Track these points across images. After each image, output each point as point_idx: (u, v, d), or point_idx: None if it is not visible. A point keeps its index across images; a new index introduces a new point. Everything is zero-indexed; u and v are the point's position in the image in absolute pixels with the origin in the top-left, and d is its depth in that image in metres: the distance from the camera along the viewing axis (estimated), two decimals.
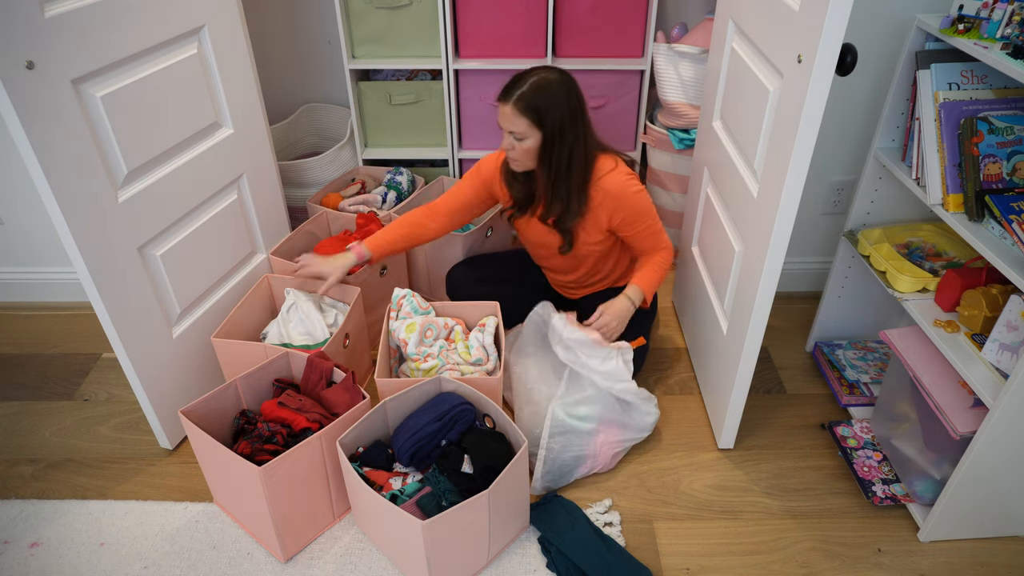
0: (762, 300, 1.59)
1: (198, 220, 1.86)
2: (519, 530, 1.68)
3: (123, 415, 2.03)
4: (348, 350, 1.96)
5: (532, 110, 1.69)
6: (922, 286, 1.68)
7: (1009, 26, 1.41)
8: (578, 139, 1.74)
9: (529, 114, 1.69)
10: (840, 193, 2.25)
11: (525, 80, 1.71)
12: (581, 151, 1.76)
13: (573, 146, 1.74)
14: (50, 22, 1.39)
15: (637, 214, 1.83)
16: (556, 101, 1.69)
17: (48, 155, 1.42)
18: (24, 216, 2.32)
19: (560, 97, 1.70)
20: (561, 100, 1.70)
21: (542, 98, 1.69)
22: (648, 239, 1.89)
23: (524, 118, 1.70)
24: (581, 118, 1.74)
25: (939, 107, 1.55)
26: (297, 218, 2.47)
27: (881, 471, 1.78)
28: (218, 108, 1.88)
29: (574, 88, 1.73)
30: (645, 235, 1.88)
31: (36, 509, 1.75)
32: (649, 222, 1.86)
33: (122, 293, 1.66)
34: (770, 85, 1.51)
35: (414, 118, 2.50)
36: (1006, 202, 1.44)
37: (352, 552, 1.65)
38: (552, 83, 1.70)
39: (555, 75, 1.72)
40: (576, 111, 1.73)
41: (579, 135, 1.74)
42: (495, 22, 2.29)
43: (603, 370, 1.77)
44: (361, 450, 1.65)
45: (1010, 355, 1.43)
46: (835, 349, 2.14)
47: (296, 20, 2.54)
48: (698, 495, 1.80)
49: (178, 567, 1.62)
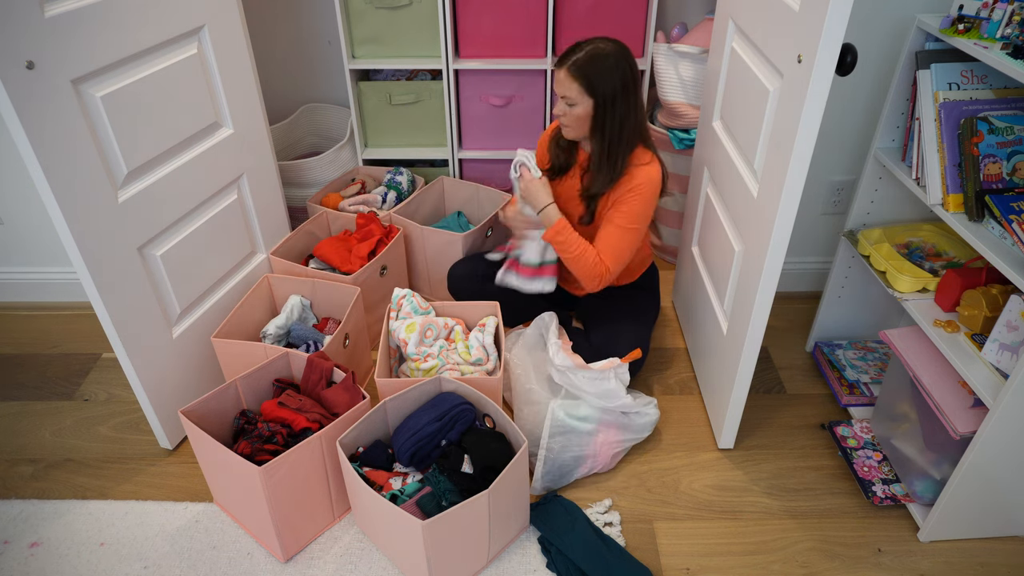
0: (762, 300, 1.59)
1: (198, 220, 1.86)
2: (519, 530, 1.68)
3: (123, 415, 2.04)
4: (348, 350, 1.96)
5: (584, 77, 1.71)
6: (922, 286, 1.68)
7: (1009, 26, 1.41)
8: (629, 111, 1.76)
9: (581, 80, 1.72)
10: (840, 193, 2.25)
11: (582, 48, 1.73)
12: (631, 122, 1.78)
13: (624, 117, 1.76)
14: (50, 22, 1.39)
15: (630, 208, 1.81)
16: (608, 71, 1.71)
17: (48, 155, 1.42)
18: (24, 216, 2.32)
19: (613, 68, 1.71)
20: (614, 71, 1.72)
21: (595, 66, 1.71)
22: (609, 237, 1.83)
23: (576, 83, 1.72)
24: (634, 92, 1.76)
25: (939, 107, 1.55)
26: (297, 218, 2.48)
27: (881, 471, 1.78)
28: (218, 108, 1.88)
29: (628, 61, 1.74)
30: (612, 229, 1.83)
31: (36, 509, 1.75)
32: (626, 224, 1.82)
33: (122, 293, 1.66)
34: (770, 85, 1.51)
35: (414, 118, 2.50)
36: (1006, 202, 1.44)
37: (352, 552, 1.65)
38: (607, 54, 1.71)
39: (611, 46, 1.73)
40: (628, 84, 1.74)
41: (631, 107, 1.76)
42: (495, 22, 2.29)
43: (596, 391, 1.77)
44: (361, 450, 1.65)
45: (1010, 355, 1.43)
46: (835, 349, 2.14)
47: (296, 20, 2.54)
48: (698, 495, 1.80)
49: (178, 567, 1.62)
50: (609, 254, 1.84)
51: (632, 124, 1.78)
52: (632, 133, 1.79)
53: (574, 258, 1.84)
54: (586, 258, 1.83)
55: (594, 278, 1.85)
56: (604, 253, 1.84)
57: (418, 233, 2.29)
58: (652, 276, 2.15)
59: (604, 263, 1.84)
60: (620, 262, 1.86)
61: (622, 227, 1.82)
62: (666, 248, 2.64)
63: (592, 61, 1.71)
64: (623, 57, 1.73)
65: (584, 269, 1.84)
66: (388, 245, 2.20)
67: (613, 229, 1.83)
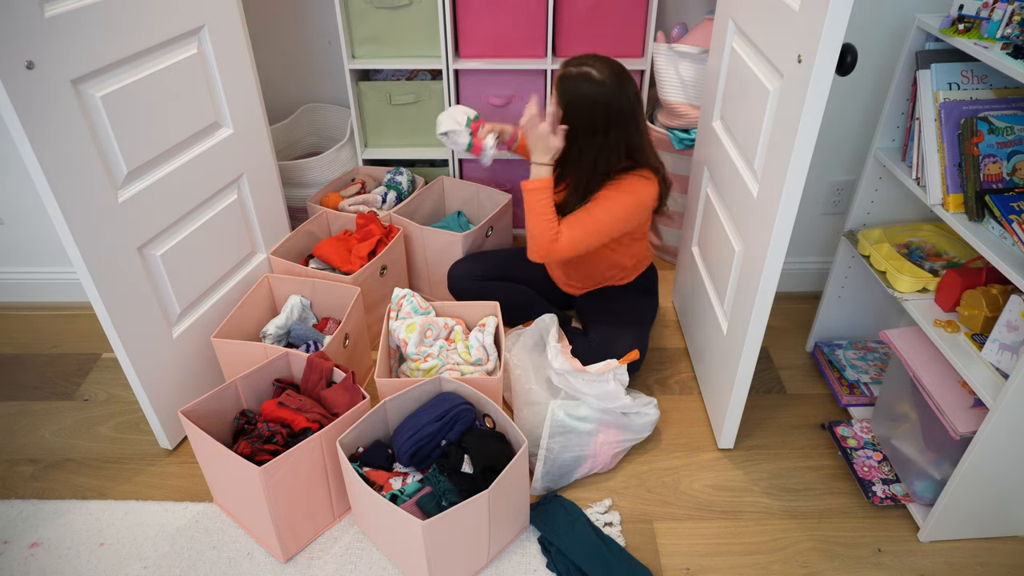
0: (762, 300, 1.59)
1: (198, 220, 1.86)
2: (519, 530, 1.68)
3: (123, 415, 2.03)
4: (348, 350, 1.96)
5: (562, 91, 1.71)
6: (922, 286, 1.68)
7: (1009, 26, 1.41)
8: (604, 148, 1.73)
9: (558, 91, 1.72)
10: (840, 193, 2.25)
11: (584, 61, 1.70)
12: (605, 159, 1.74)
13: (586, 149, 1.73)
14: (50, 22, 1.39)
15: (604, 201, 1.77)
16: (583, 105, 1.68)
17: (48, 155, 1.42)
18: (24, 216, 2.32)
19: (589, 105, 1.68)
20: (589, 108, 1.68)
21: (574, 90, 1.69)
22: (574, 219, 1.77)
23: (556, 90, 1.72)
24: (609, 132, 1.71)
25: (939, 107, 1.55)
26: (297, 218, 2.48)
27: (881, 471, 1.78)
28: (218, 108, 1.88)
29: (612, 102, 1.68)
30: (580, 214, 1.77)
31: (36, 509, 1.75)
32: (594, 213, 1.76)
33: (122, 293, 1.66)
34: (770, 85, 1.51)
35: (414, 118, 2.50)
36: (1006, 202, 1.44)
37: (352, 552, 1.65)
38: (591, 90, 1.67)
39: (605, 80, 1.67)
40: (599, 125, 1.70)
41: (617, 143, 1.73)
42: (495, 22, 2.29)
43: (595, 393, 1.77)
44: (361, 450, 1.65)
45: (1010, 355, 1.43)
46: (835, 349, 2.14)
47: (296, 20, 2.54)
48: (698, 495, 1.80)
49: (178, 567, 1.62)
50: (567, 234, 1.76)
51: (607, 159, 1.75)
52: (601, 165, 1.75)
53: (534, 220, 1.77)
54: (542, 229, 1.76)
55: (539, 249, 1.78)
56: (569, 229, 1.77)
57: (418, 233, 2.29)
58: (651, 276, 2.15)
59: (559, 241, 1.76)
60: (573, 247, 1.78)
61: (589, 213, 1.78)
62: (666, 248, 2.64)
63: (575, 81, 1.69)
64: (608, 93, 1.67)
65: (536, 235, 1.77)
66: (388, 245, 2.20)
67: (582, 214, 1.78)
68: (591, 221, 1.78)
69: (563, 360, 1.81)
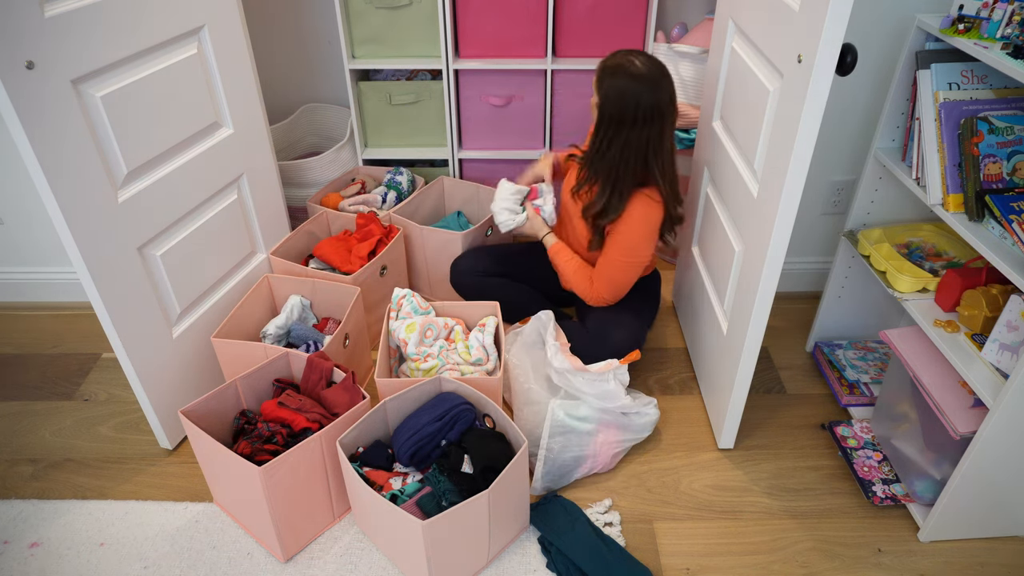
0: (762, 300, 1.59)
1: (198, 220, 1.86)
2: (519, 530, 1.68)
3: (123, 415, 2.03)
4: (348, 350, 1.96)
5: (600, 79, 1.72)
6: (922, 286, 1.68)
7: (1009, 26, 1.41)
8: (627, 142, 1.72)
9: (598, 80, 1.72)
10: (840, 193, 2.25)
11: (628, 54, 1.70)
12: (632, 155, 1.74)
13: (623, 144, 1.73)
14: (50, 22, 1.39)
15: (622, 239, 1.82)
16: (621, 94, 1.68)
17: (48, 155, 1.42)
18: (24, 216, 2.32)
19: (628, 96, 1.67)
20: (627, 99, 1.68)
21: (612, 79, 1.69)
22: (604, 267, 1.88)
23: (596, 80, 1.73)
24: (648, 125, 1.70)
25: (939, 107, 1.55)
26: (297, 218, 2.48)
27: (881, 471, 1.78)
28: (218, 108, 1.88)
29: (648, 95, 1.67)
30: (607, 258, 1.87)
31: (36, 509, 1.75)
32: (619, 257, 1.84)
33: (122, 293, 1.66)
34: (770, 85, 1.51)
35: (414, 118, 2.50)
36: (1006, 202, 1.44)
37: (352, 552, 1.65)
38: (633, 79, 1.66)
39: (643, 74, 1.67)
40: (641, 118, 1.69)
41: (639, 140, 1.72)
42: (495, 22, 2.29)
43: (595, 393, 1.77)
44: (361, 450, 1.65)
45: (1010, 355, 1.43)
46: (835, 349, 2.14)
47: (296, 20, 2.54)
48: (698, 495, 1.80)
49: (178, 567, 1.62)
50: (603, 282, 1.90)
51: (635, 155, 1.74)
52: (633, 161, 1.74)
53: (567, 276, 1.97)
54: (578, 283, 1.95)
55: (582, 294, 1.96)
56: (599, 280, 1.91)
57: (418, 233, 2.29)
58: (654, 280, 2.14)
59: (596, 288, 1.92)
60: (614, 290, 1.91)
61: (615, 260, 1.86)
62: (666, 248, 2.64)
63: (614, 73, 1.69)
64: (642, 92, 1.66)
65: (575, 285, 1.96)
66: (388, 245, 2.20)
67: (609, 259, 1.87)
68: (615, 265, 1.86)
69: (562, 358, 1.81)
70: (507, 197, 2.03)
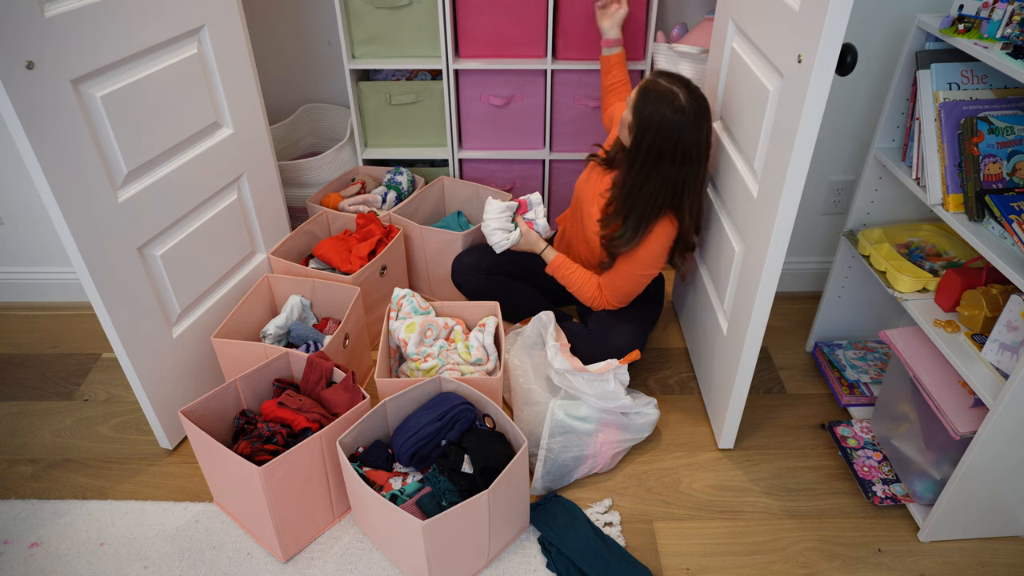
0: (762, 300, 1.59)
1: (198, 220, 1.86)
2: (519, 530, 1.68)
3: (123, 415, 2.03)
4: (348, 350, 1.96)
5: (639, 100, 1.67)
6: (922, 286, 1.68)
7: (1009, 26, 1.41)
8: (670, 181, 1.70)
9: (637, 99, 1.67)
10: (840, 193, 2.25)
11: (675, 82, 1.65)
12: (658, 187, 1.71)
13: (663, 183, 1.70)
14: (50, 22, 1.39)
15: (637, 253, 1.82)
16: (661, 126, 1.63)
17: (48, 155, 1.42)
18: (24, 216, 2.32)
19: (669, 129, 1.63)
20: (667, 132, 1.63)
21: (653, 106, 1.63)
22: (613, 276, 1.88)
23: (636, 97, 1.68)
24: (685, 164, 1.68)
25: (939, 107, 1.55)
26: (297, 218, 2.48)
27: (881, 471, 1.78)
28: (218, 108, 1.88)
29: (686, 132, 1.63)
30: (617, 269, 1.87)
31: (36, 509, 1.75)
32: (629, 269, 1.85)
33: (122, 293, 1.66)
34: (770, 85, 1.51)
35: (414, 118, 2.50)
36: (1006, 202, 1.44)
37: (352, 552, 1.65)
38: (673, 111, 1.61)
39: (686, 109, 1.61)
40: (680, 156, 1.66)
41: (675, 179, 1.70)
42: (495, 22, 2.29)
43: (595, 393, 1.77)
44: (361, 450, 1.65)
45: (1010, 355, 1.43)
46: (835, 349, 2.14)
47: (296, 20, 2.54)
48: (698, 495, 1.80)
49: (178, 567, 1.62)
50: (611, 291, 1.92)
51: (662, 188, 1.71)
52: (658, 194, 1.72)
53: (573, 288, 1.96)
54: (586, 293, 1.95)
55: (589, 303, 1.97)
56: (607, 288, 1.92)
57: (418, 233, 2.29)
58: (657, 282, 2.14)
59: (605, 296, 1.93)
60: (623, 299, 1.93)
61: (625, 272, 1.87)
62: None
63: (656, 101, 1.63)
64: (681, 128, 1.62)
65: (583, 295, 1.96)
66: (388, 245, 2.20)
67: (619, 271, 1.88)
68: (625, 276, 1.87)
69: (563, 359, 1.81)
70: (497, 216, 1.96)
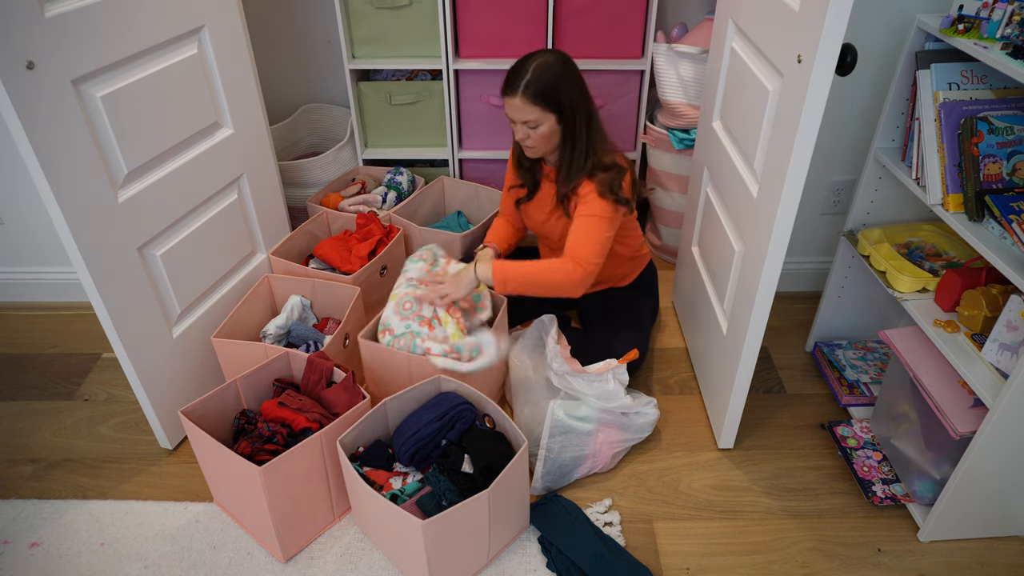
0: (762, 300, 1.59)
1: (198, 220, 1.86)
2: (519, 530, 1.68)
3: (123, 415, 2.04)
4: (348, 350, 1.96)
5: (541, 96, 1.70)
6: (922, 286, 1.68)
7: (1009, 26, 1.41)
8: (592, 112, 1.77)
9: (539, 100, 1.70)
10: (840, 193, 2.25)
11: (526, 68, 1.70)
12: (596, 122, 1.79)
13: (589, 118, 1.76)
14: (50, 22, 1.39)
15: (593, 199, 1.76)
16: (562, 80, 1.71)
17: (48, 155, 1.42)
18: (24, 216, 2.32)
19: (564, 76, 1.71)
20: (566, 78, 1.71)
21: (549, 81, 1.69)
22: (578, 230, 1.76)
23: (536, 106, 1.70)
24: (586, 92, 1.77)
25: (939, 107, 1.55)
26: (297, 218, 2.48)
27: (881, 471, 1.78)
28: (218, 108, 1.88)
29: (572, 65, 1.74)
30: (579, 223, 1.77)
31: (36, 509, 1.75)
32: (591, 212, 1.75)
33: (122, 293, 1.66)
34: (770, 85, 1.51)
35: (414, 118, 2.50)
36: (1006, 202, 1.44)
37: (352, 552, 1.65)
38: (552, 64, 1.71)
39: (552, 56, 1.73)
40: (581, 86, 1.75)
41: (591, 108, 1.77)
42: (495, 22, 2.29)
43: (595, 393, 1.77)
44: (361, 450, 1.65)
45: (1010, 355, 1.43)
46: (835, 349, 2.14)
47: (296, 20, 2.54)
48: (698, 495, 1.80)
49: (178, 567, 1.62)
50: (582, 247, 1.74)
51: (597, 123, 1.79)
52: (598, 131, 1.79)
53: (541, 286, 1.77)
54: (553, 278, 1.76)
55: (575, 285, 1.76)
56: (577, 249, 1.75)
57: (418, 233, 2.29)
58: (651, 277, 2.15)
59: (579, 264, 1.74)
60: (597, 252, 1.75)
61: (588, 216, 1.76)
62: (666, 248, 2.64)
63: (543, 77, 1.69)
64: (566, 63, 1.73)
65: (558, 287, 1.76)
66: (388, 245, 2.20)
67: (581, 221, 1.77)
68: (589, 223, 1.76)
69: (562, 361, 1.81)
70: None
